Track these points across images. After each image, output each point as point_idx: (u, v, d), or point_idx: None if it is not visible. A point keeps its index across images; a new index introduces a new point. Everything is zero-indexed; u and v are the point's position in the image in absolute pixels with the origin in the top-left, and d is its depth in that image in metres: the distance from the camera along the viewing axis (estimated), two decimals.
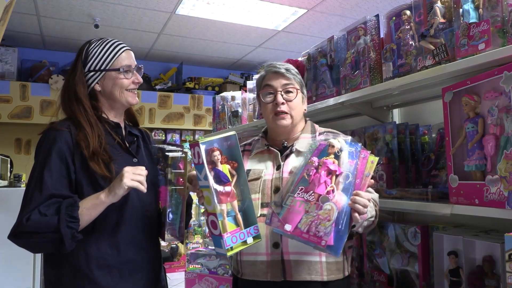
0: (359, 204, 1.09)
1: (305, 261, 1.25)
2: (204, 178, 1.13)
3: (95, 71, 1.34)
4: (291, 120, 1.36)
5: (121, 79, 1.35)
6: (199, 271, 2.75)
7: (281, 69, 1.38)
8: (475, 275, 1.18)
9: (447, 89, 1.23)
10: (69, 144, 1.25)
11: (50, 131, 1.27)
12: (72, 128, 1.27)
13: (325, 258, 1.27)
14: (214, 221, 1.15)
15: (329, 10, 3.97)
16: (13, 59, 4.68)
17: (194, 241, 5.40)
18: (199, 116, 5.47)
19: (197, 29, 4.48)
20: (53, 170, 1.21)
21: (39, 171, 1.21)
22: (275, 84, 1.37)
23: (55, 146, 1.23)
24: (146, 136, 1.52)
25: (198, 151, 1.13)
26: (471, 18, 1.13)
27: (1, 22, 1.76)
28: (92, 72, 1.34)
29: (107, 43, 1.38)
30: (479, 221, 1.35)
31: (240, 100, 2.68)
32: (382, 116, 1.78)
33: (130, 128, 1.47)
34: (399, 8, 1.41)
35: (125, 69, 1.36)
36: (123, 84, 1.35)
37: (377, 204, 1.29)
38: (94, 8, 3.92)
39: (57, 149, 1.23)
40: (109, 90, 1.35)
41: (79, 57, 1.36)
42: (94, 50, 1.35)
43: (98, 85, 1.35)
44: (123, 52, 1.38)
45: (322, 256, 1.26)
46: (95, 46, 1.36)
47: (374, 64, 1.50)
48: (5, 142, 4.82)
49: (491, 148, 1.07)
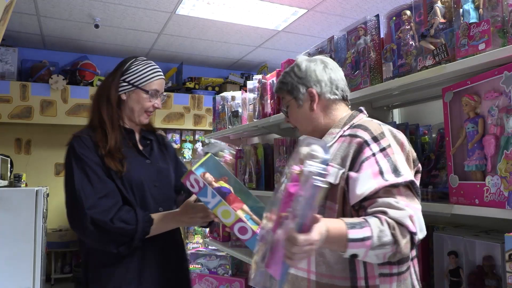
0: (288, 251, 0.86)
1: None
2: (212, 196, 1.20)
3: (128, 83, 1.49)
4: (302, 132, 1.25)
5: (145, 100, 1.49)
6: (199, 271, 2.75)
7: (275, 87, 1.34)
8: (475, 275, 1.18)
9: (447, 89, 1.23)
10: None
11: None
12: (91, 132, 1.44)
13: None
14: (242, 226, 1.20)
15: (329, 10, 3.97)
16: (13, 59, 4.68)
17: (194, 241, 5.40)
18: (199, 116, 5.47)
19: (197, 29, 4.48)
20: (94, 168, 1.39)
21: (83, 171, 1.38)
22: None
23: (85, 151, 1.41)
24: (161, 139, 1.66)
25: (195, 177, 1.22)
26: (471, 18, 1.13)
27: (1, 22, 1.76)
28: (125, 83, 1.49)
29: (149, 66, 1.52)
30: (479, 221, 1.35)
31: (240, 100, 2.68)
32: (382, 116, 1.78)
33: (145, 133, 1.60)
34: (399, 8, 1.41)
35: (152, 93, 1.50)
36: (144, 104, 1.50)
37: (394, 226, 0.96)
38: (94, 8, 3.92)
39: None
40: (131, 104, 1.50)
41: (120, 67, 1.51)
42: (136, 67, 1.50)
43: (125, 95, 1.49)
44: (158, 80, 1.52)
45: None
46: (138, 64, 1.51)
47: (374, 64, 1.50)
48: (5, 142, 4.83)
49: (491, 148, 1.07)
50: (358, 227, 0.94)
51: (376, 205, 1.00)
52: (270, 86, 2.21)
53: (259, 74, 2.78)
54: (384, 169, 1.02)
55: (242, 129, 2.52)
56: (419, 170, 1.17)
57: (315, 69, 1.23)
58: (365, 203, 1.02)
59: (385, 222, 0.96)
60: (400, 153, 1.08)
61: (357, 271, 1.04)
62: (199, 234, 5.44)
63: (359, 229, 0.94)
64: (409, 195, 1.03)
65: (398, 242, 0.95)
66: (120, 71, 1.50)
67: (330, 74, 1.23)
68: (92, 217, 1.30)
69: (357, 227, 0.95)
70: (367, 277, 1.04)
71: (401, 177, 1.01)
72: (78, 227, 1.34)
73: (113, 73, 1.52)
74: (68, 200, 1.37)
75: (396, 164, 1.03)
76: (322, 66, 1.24)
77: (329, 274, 1.06)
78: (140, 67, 1.50)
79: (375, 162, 1.03)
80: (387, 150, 1.06)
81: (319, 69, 1.23)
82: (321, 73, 1.23)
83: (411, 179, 1.03)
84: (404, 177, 1.02)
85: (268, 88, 2.22)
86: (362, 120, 1.17)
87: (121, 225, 1.31)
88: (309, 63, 1.24)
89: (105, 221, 1.30)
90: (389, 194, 1.00)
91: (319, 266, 1.08)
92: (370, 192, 1.00)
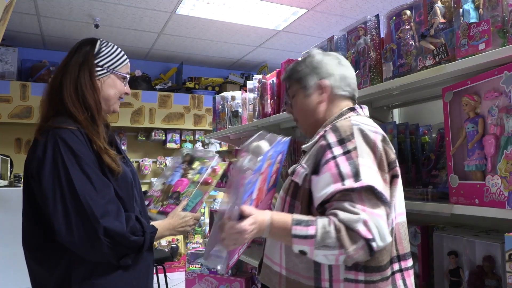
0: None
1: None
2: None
3: (103, 68, 1.33)
4: (302, 128, 1.28)
5: (120, 85, 1.37)
6: (199, 271, 2.75)
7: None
8: (475, 275, 1.18)
9: (447, 89, 1.23)
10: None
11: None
12: (80, 126, 1.23)
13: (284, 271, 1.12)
14: None
15: (329, 10, 3.97)
16: (13, 59, 4.68)
17: (194, 241, 5.40)
18: (199, 116, 5.46)
19: (197, 29, 4.48)
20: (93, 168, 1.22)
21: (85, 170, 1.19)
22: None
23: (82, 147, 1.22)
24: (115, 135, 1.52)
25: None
26: (471, 18, 1.13)
27: (1, 22, 1.76)
28: (99, 67, 1.32)
29: (117, 47, 1.39)
30: (479, 221, 1.35)
31: (240, 100, 2.68)
32: (382, 116, 1.78)
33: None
34: (399, 8, 1.41)
35: (125, 77, 1.39)
36: (121, 90, 1.37)
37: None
38: (94, 8, 3.92)
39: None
40: (107, 91, 1.33)
41: (90, 49, 1.32)
42: (107, 49, 1.35)
43: (99, 81, 1.32)
44: (128, 62, 1.41)
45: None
46: (107, 47, 1.36)
47: (374, 64, 1.50)
48: (5, 142, 4.83)
49: (491, 148, 1.07)
50: (303, 224, 0.98)
51: (332, 207, 1.00)
52: (270, 86, 2.21)
53: (259, 74, 2.78)
54: (344, 173, 0.99)
55: (242, 129, 2.52)
56: (397, 173, 1.08)
57: (328, 62, 1.23)
58: (326, 205, 1.02)
59: (332, 223, 0.96)
60: (369, 155, 1.03)
61: (321, 273, 1.05)
62: (199, 234, 5.44)
63: (304, 226, 0.97)
64: (371, 200, 0.98)
65: (344, 246, 0.94)
66: (91, 54, 1.31)
67: (342, 70, 1.23)
68: (106, 227, 1.12)
69: (303, 224, 0.98)
70: (332, 279, 1.04)
71: (359, 182, 0.98)
72: (84, 240, 1.12)
73: (81, 55, 1.30)
74: (62, 208, 1.12)
75: (358, 168, 0.99)
76: (336, 61, 1.24)
77: (295, 272, 1.09)
78: (111, 49, 1.36)
79: (334, 166, 1.01)
80: (351, 153, 1.02)
81: (333, 63, 1.23)
82: (334, 67, 1.23)
83: (368, 184, 0.98)
84: (362, 182, 0.97)
85: (268, 88, 2.22)
86: (341, 120, 1.13)
87: (134, 238, 1.19)
88: (324, 56, 1.25)
89: (123, 234, 1.15)
90: (347, 198, 0.98)
91: (288, 262, 1.11)
92: (327, 196, 1.00)
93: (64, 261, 1.18)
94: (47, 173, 1.14)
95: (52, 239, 1.16)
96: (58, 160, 1.15)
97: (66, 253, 1.18)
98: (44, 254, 1.21)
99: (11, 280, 3.43)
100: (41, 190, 1.15)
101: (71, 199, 1.12)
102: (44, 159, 1.15)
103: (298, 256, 1.07)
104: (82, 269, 1.18)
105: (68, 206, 1.12)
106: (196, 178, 1.52)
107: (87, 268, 1.18)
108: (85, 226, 1.12)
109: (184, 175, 1.54)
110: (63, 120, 1.22)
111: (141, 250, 1.22)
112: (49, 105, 1.28)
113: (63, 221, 1.12)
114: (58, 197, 1.13)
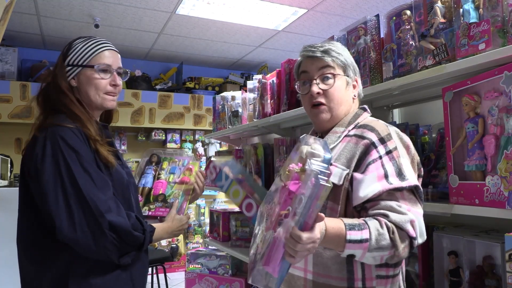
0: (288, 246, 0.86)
1: None
2: (225, 178, 1.32)
3: (72, 66, 1.28)
4: (329, 114, 1.16)
5: (97, 78, 1.27)
6: (199, 271, 2.75)
7: (316, 52, 1.16)
8: (475, 275, 1.18)
9: (447, 89, 1.23)
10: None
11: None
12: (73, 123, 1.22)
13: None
14: (249, 203, 1.28)
15: (329, 10, 3.97)
16: (13, 59, 4.68)
17: (194, 241, 5.40)
18: (199, 116, 5.47)
19: (197, 29, 4.48)
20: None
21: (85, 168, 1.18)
22: (311, 70, 1.17)
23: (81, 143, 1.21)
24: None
25: (214, 165, 1.37)
26: (471, 18, 1.13)
27: (1, 22, 1.76)
28: (69, 66, 1.28)
29: (91, 40, 1.31)
30: (479, 221, 1.35)
31: (240, 100, 2.67)
32: (382, 116, 1.77)
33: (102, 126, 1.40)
34: (399, 8, 1.41)
35: (101, 68, 1.28)
36: (98, 84, 1.27)
37: (393, 228, 0.96)
38: (94, 8, 3.92)
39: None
40: (84, 88, 1.28)
41: (63, 51, 1.30)
42: (77, 46, 1.29)
43: (74, 80, 1.28)
44: (106, 51, 1.30)
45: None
46: (80, 42, 1.30)
47: (374, 64, 1.50)
48: (5, 142, 4.83)
49: (491, 148, 1.07)
50: (357, 229, 0.95)
51: (378, 207, 1.00)
52: (270, 86, 2.21)
53: (259, 74, 2.78)
54: (389, 172, 1.01)
55: (242, 129, 2.52)
56: (421, 174, 1.15)
57: (355, 63, 1.24)
58: (368, 204, 1.02)
59: (384, 225, 0.96)
60: (406, 156, 1.07)
61: (354, 272, 1.04)
62: (199, 234, 5.44)
63: (358, 230, 0.94)
64: (412, 199, 1.02)
65: (396, 246, 0.95)
66: (61, 56, 1.29)
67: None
68: (111, 222, 1.11)
69: (356, 228, 0.95)
70: (365, 278, 1.04)
71: (405, 181, 1.01)
72: (88, 237, 1.10)
73: (56, 63, 1.31)
74: (65, 204, 1.10)
75: (401, 168, 1.03)
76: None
77: (325, 274, 1.06)
78: (83, 44, 1.29)
79: (380, 165, 1.03)
80: (393, 153, 1.05)
81: (357, 66, 1.26)
82: (357, 69, 1.25)
83: (415, 184, 1.02)
84: (409, 182, 1.01)
85: (268, 88, 2.22)
86: (368, 120, 1.16)
87: (137, 234, 1.17)
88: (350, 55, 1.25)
89: (127, 229, 1.14)
90: (392, 197, 1.00)
91: (316, 265, 1.08)
92: (374, 194, 1.00)
93: (60, 261, 1.16)
94: (48, 169, 1.12)
95: (48, 238, 1.14)
96: (58, 156, 1.13)
97: (63, 253, 1.16)
98: (40, 254, 1.18)
99: (11, 280, 3.42)
100: (40, 187, 1.13)
101: (74, 195, 1.11)
102: (44, 156, 1.13)
103: (330, 258, 1.06)
104: (80, 269, 1.16)
105: (70, 202, 1.10)
106: (171, 178, 1.53)
107: (85, 268, 1.16)
108: (89, 221, 1.10)
109: (157, 177, 1.54)
110: (62, 118, 1.21)
111: (141, 248, 1.21)
112: (40, 108, 1.30)
113: (66, 217, 1.10)
114: (60, 193, 1.11)
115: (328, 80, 1.15)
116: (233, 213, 2.66)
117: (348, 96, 1.19)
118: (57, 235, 1.11)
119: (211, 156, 2.94)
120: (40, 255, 1.19)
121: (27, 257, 1.23)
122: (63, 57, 1.29)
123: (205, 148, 5.55)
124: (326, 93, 1.15)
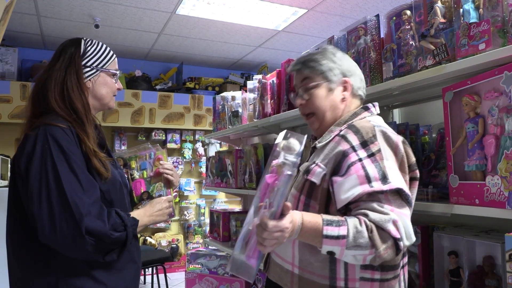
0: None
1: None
2: None
3: (91, 68, 1.32)
4: (318, 122, 1.21)
5: (112, 82, 1.37)
6: (199, 271, 2.75)
7: (297, 65, 1.24)
8: (476, 275, 1.18)
9: (447, 89, 1.23)
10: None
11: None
12: (70, 125, 1.22)
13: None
14: None
15: (329, 10, 3.97)
16: (13, 59, 4.68)
17: (194, 241, 5.40)
18: (199, 116, 5.46)
19: (197, 29, 4.48)
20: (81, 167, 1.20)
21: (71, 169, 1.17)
22: (296, 84, 1.25)
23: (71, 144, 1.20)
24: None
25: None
26: (471, 18, 1.13)
27: (1, 22, 1.76)
28: (88, 68, 1.31)
29: (102, 45, 1.38)
30: (479, 221, 1.35)
31: (240, 100, 2.68)
32: (382, 116, 1.76)
33: None
34: (399, 8, 1.41)
35: (114, 73, 1.38)
36: (113, 87, 1.38)
37: (371, 228, 0.96)
38: (94, 8, 3.92)
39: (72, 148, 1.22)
40: (99, 90, 1.34)
41: (77, 51, 1.31)
42: (92, 48, 1.34)
43: (90, 82, 1.32)
44: (115, 58, 1.40)
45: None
46: (93, 45, 1.35)
47: (374, 64, 1.50)
48: (5, 142, 4.82)
49: (492, 148, 1.07)
50: (335, 225, 0.96)
51: (360, 207, 1.00)
52: (270, 86, 2.21)
53: (259, 74, 2.78)
54: (371, 175, 1.00)
55: (242, 129, 2.52)
56: (416, 176, 1.12)
57: (350, 61, 1.25)
58: (351, 206, 1.02)
59: (363, 223, 0.96)
60: (392, 158, 1.05)
61: (337, 272, 1.05)
62: (199, 234, 5.44)
63: (336, 226, 0.96)
64: (397, 201, 1.00)
65: (376, 245, 0.94)
66: (77, 55, 1.30)
67: (359, 72, 1.26)
68: (88, 227, 1.10)
69: (334, 224, 0.96)
70: (347, 279, 1.04)
71: (387, 184, 0.99)
72: (67, 239, 1.09)
73: (67, 58, 1.29)
74: (47, 205, 1.10)
75: (385, 171, 1.01)
76: (354, 63, 1.27)
77: (309, 270, 1.08)
78: (96, 47, 1.35)
79: (361, 167, 1.02)
80: (376, 155, 1.03)
81: (354, 64, 1.25)
82: (355, 68, 1.25)
83: (398, 187, 1.00)
84: (391, 185, 0.99)
85: (268, 88, 2.22)
86: (358, 121, 1.15)
87: (117, 235, 1.17)
88: (343, 54, 1.26)
89: (105, 233, 1.14)
90: (374, 198, 0.99)
91: (301, 261, 1.09)
92: (354, 197, 1.00)
93: (53, 262, 1.16)
94: (35, 169, 1.12)
95: (36, 240, 1.13)
96: (47, 156, 1.13)
97: (52, 254, 1.16)
98: (30, 256, 1.18)
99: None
100: (27, 187, 1.13)
101: (57, 197, 1.10)
102: (33, 155, 1.14)
103: (313, 255, 1.06)
104: (70, 270, 1.17)
105: (53, 204, 1.10)
106: (145, 174, 1.52)
107: (77, 268, 1.17)
108: (69, 224, 1.09)
109: (132, 178, 1.52)
110: (54, 117, 1.21)
111: (125, 244, 1.21)
112: (33, 107, 1.26)
113: (47, 218, 1.09)
114: (43, 194, 1.11)
115: (308, 91, 1.21)
116: (233, 213, 2.66)
117: (332, 101, 1.20)
118: (39, 236, 1.11)
119: (211, 156, 2.93)
120: (31, 258, 1.18)
121: (16, 259, 1.22)
122: (79, 57, 1.30)
123: (205, 148, 5.55)
124: (308, 103, 1.21)
